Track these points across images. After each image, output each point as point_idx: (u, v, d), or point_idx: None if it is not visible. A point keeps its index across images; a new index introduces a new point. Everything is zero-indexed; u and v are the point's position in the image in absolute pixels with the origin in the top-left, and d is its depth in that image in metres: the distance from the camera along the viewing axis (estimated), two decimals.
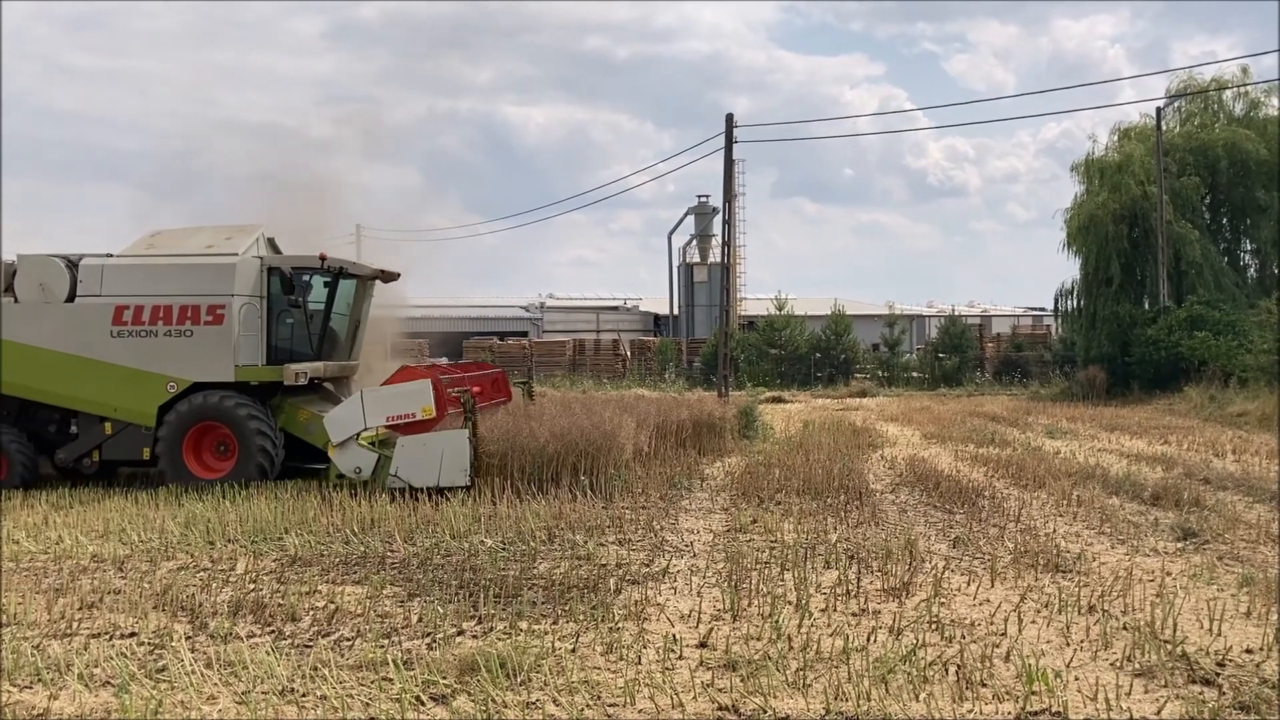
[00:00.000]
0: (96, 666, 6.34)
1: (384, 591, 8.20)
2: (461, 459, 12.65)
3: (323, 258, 14.64)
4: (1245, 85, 35.08)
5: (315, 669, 6.19)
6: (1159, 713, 5.51)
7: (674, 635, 6.85)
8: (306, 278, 14.63)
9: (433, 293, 43.40)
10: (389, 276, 16.07)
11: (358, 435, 13.04)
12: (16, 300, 14.39)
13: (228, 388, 14.08)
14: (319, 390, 15.19)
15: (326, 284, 14.87)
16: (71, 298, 14.29)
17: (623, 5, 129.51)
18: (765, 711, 5.53)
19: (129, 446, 14.29)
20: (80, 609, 7.75)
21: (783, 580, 8.42)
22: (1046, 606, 7.56)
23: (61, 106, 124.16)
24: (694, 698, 5.75)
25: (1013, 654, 6.43)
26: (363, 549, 9.76)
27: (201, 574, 8.93)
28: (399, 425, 12.97)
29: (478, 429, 12.88)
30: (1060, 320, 39.53)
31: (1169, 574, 8.59)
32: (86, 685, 6.04)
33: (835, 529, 10.58)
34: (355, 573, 8.91)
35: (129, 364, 14.07)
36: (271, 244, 15.44)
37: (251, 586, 8.37)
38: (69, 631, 7.19)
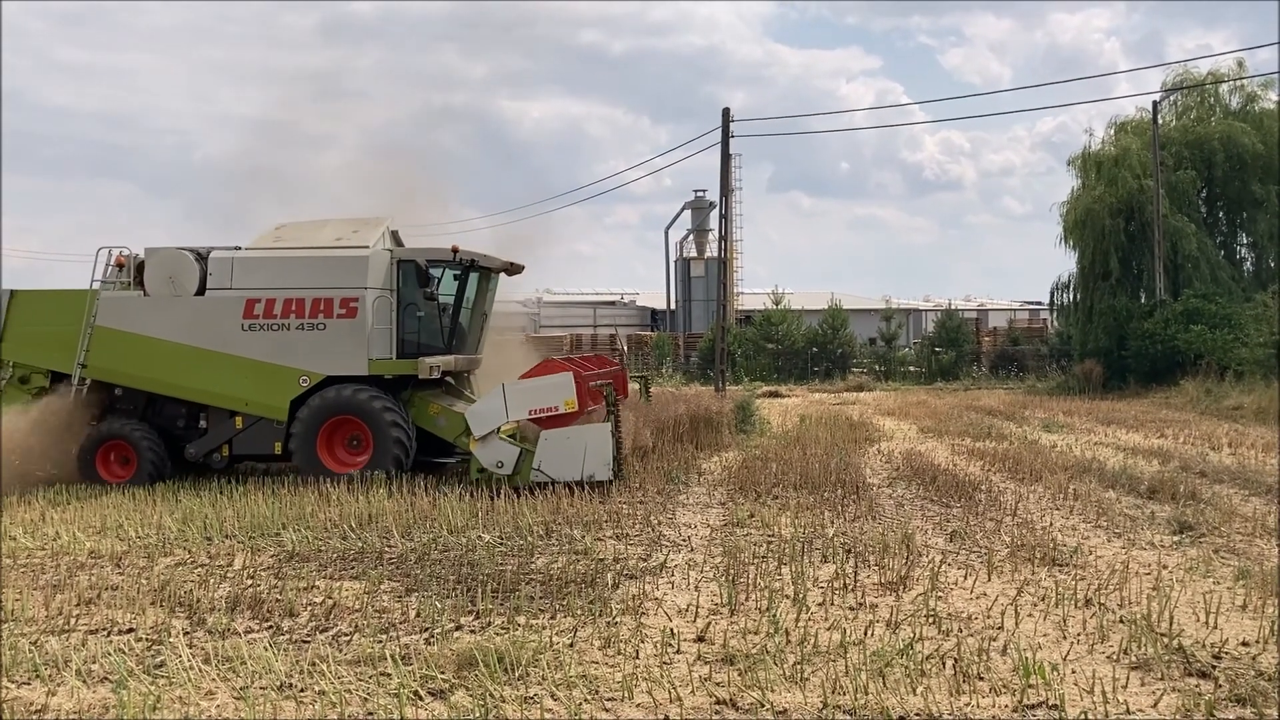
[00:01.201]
0: (94, 662, 6.34)
1: (382, 587, 8.20)
2: (605, 452, 12.67)
3: (455, 250, 14.38)
4: (1241, 79, 35.15)
5: (313, 664, 6.20)
6: (1155, 705, 5.53)
7: (671, 629, 6.86)
8: (438, 271, 14.42)
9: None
10: (515, 269, 15.90)
11: (499, 429, 12.96)
12: (146, 294, 14.19)
13: (360, 381, 13.90)
14: (442, 384, 14.91)
15: (456, 277, 14.69)
16: (201, 291, 14.11)
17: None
18: (763, 705, 5.54)
19: (260, 441, 14.13)
20: (78, 605, 7.75)
21: (780, 574, 8.43)
22: (1043, 600, 7.57)
23: (56, 102, 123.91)
24: (691, 691, 5.76)
25: (1010, 647, 6.45)
26: (360, 544, 9.76)
27: (199, 570, 8.93)
28: (541, 419, 12.87)
29: (620, 422, 12.96)
30: (1057, 314, 39.60)
31: (1165, 567, 8.61)
32: (84, 681, 6.04)
33: (832, 523, 10.59)
34: (353, 568, 8.91)
35: (260, 358, 13.90)
36: (395, 236, 15.26)
37: (249, 582, 8.37)
38: (67, 627, 7.18)
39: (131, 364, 14.20)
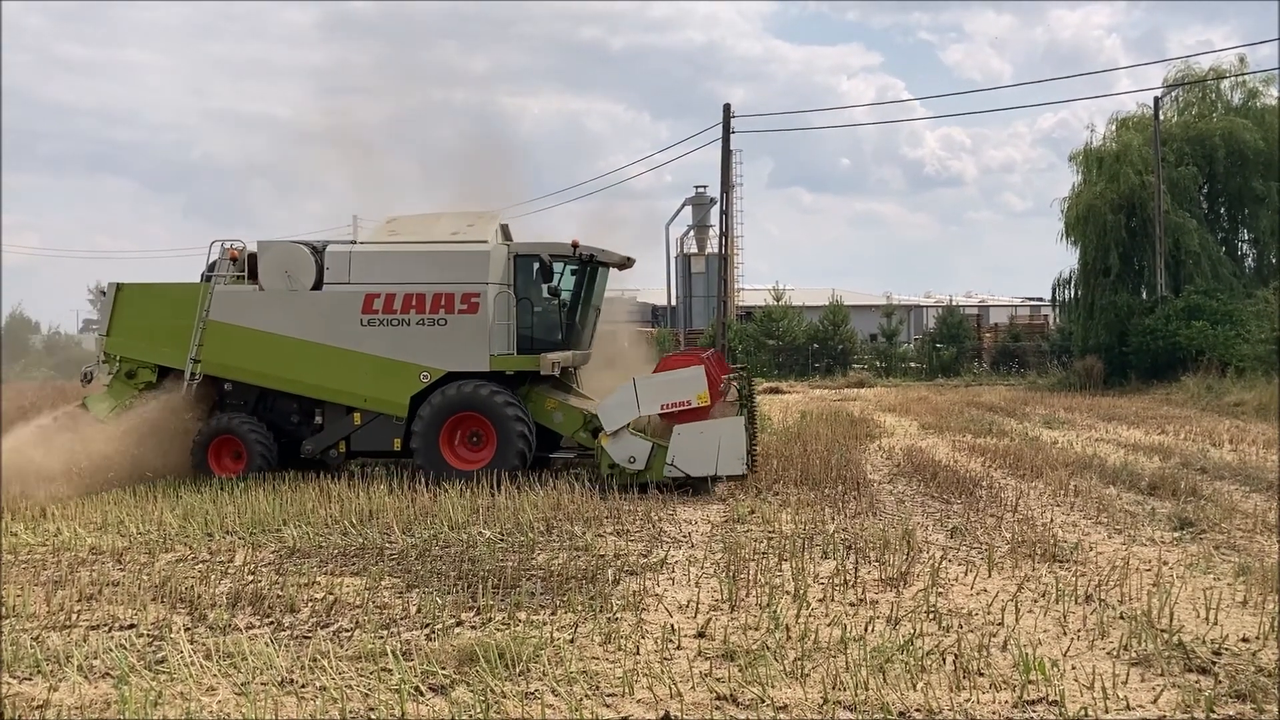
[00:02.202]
0: (96, 658, 6.35)
1: (383, 583, 8.21)
2: (738, 447, 12.55)
3: (575, 245, 14.21)
4: (1243, 75, 35.09)
5: (314, 660, 6.20)
6: (1155, 701, 5.53)
7: (672, 625, 6.87)
8: (560, 266, 14.26)
9: None
10: (628, 263, 15.73)
11: (630, 424, 12.81)
12: (261, 288, 14.01)
13: (480, 377, 13.72)
14: (552, 380, 14.67)
15: (573, 272, 14.50)
16: (318, 285, 13.93)
17: None
18: (763, 701, 5.54)
19: (378, 437, 13.95)
20: (79, 601, 7.75)
21: (780, 570, 8.43)
22: (1043, 596, 7.58)
23: (55, 99, 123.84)
24: (692, 687, 5.77)
25: (1010, 643, 6.45)
26: (361, 540, 9.76)
27: (200, 566, 8.94)
28: (673, 413, 12.71)
29: (754, 416, 12.76)
30: (1058, 310, 39.55)
31: (1166, 563, 8.61)
32: (86, 677, 6.05)
33: (833, 519, 10.60)
34: (354, 564, 8.92)
35: (380, 353, 13.71)
36: (505, 230, 15.14)
37: (250, 578, 8.38)
38: (68, 623, 7.19)
39: (245, 359, 14.00)
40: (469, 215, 14.83)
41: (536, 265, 14.07)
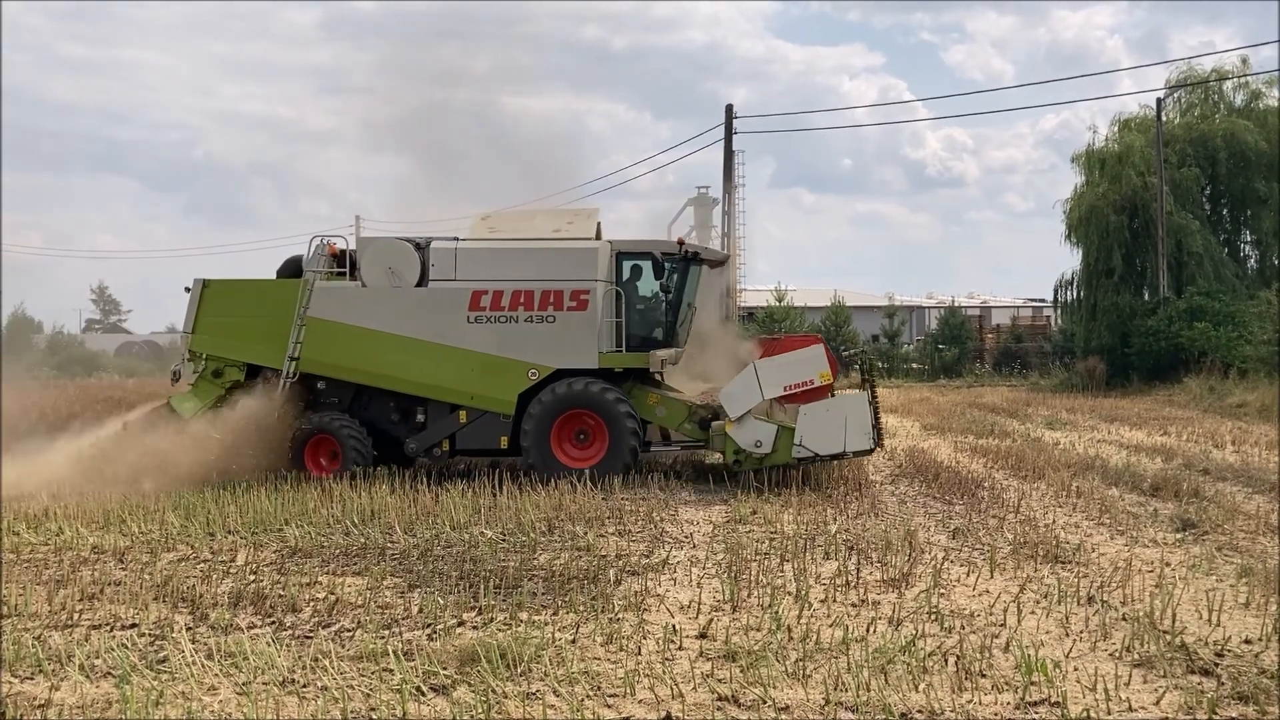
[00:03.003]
0: (97, 657, 6.35)
1: (384, 583, 8.21)
2: (864, 423, 12.63)
3: (681, 243, 14.25)
4: (1245, 76, 35.07)
5: (316, 660, 6.20)
6: (1158, 703, 5.52)
7: (674, 626, 6.86)
8: (670, 264, 14.22)
9: None
10: (724, 261, 15.62)
11: (752, 410, 12.78)
12: (364, 285, 13.75)
13: (588, 375, 13.64)
14: (645, 375, 14.51)
15: (674, 269, 14.37)
16: (422, 282, 13.73)
17: None
18: (765, 702, 5.54)
19: (484, 436, 13.77)
20: (81, 600, 7.76)
21: (782, 571, 8.43)
22: (1046, 597, 7.57)
23: (58, 97, 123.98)
24: (694, 688, 5.76)
25: (1012, 644, 6.44)
26: (363, 540, 9.76)
27: (202, 565, 8.94)
28: (796, 394, 12.76)
29: (876, 391, 13.02)
30: (1060, 311, 39.55)
31: (1168, 565, 8.61)
32: (87, 676, 6.05)
33: (835, 520, 10.60)
34: (355, 564, 8.92)
35: (487, 350, 13.53)
36: (597, 228, 15.08)
37: (252, 578, 8.38)
38: (70, 623, 7.19)
39: (347, 356, 13.71)
40: (566, 213, 14.85)
41: (647, 262, 14.13)
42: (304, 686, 5.82)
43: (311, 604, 7.58)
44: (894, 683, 5.77)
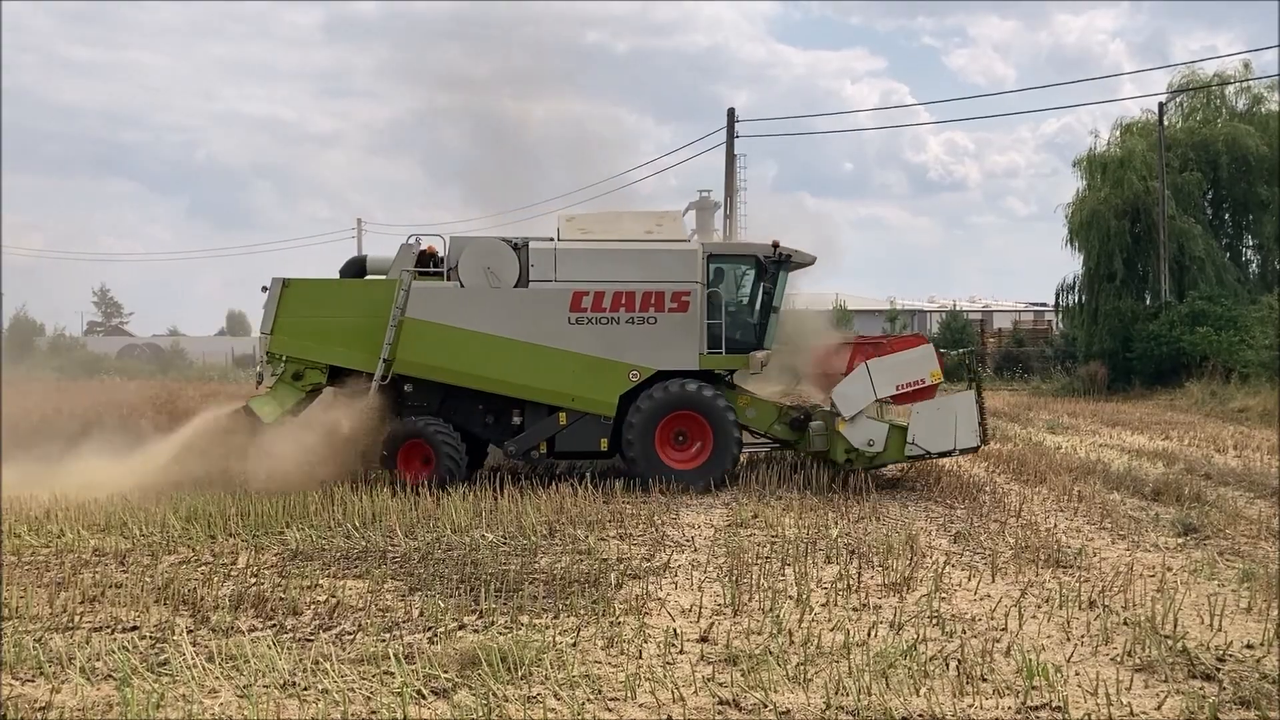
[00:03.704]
0: (98, 660, 6.35)
1: (385, 586, 8.20)
2: (972, 421, 12.90)
3: (776, 245, 14.07)
4: (1248, 80, 35.10)
5: (316, 663, 6.20)
6: (1159, 708, 5.51)
7: (675, 630, 6.86)
8: (774, 267, 14.25)
9: None
10: (812, 263, 15.52)
11: (865, 409, 12.97)
12: (462, 285, 13.43)
13: (687, 376, 13.59)
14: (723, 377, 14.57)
15: (757, 272, 14.40)
16: (522, 283, 13.52)
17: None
18: (766, 706, 5.53)
19: (584, 438, 13.56)
20: (82, 603, 7.75)
21: (783, 575, 8.43)
22: (1047, 602, 7.57)
23: (61, 100, 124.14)
24: (695, 692, 5.76)
25: (1013, 649, 6.44)
26: (364, 543, 9.76)
27: (203, 568, 8.93)
28: (907, 393, 12.96)
29: (982, 390, 13.22)
30: (1062, 315, 39.53)
31: (1170, 569, 8.60)
32: (88, 679, 6.05)
33: (836, 524, 10.59)
34: (356, 567, 8.91)
35: (588, 352, 13.38)
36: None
37: (253, 580, 8.38)
38: (71, 625, 7.19)
39: (444, 358, 13.37)
40: (651, 214, 14.76)
41: (739, 264, 14.22)
42: (305, 689, 5.82)
43: (312, 607, 7.58)
44: (895, 687, 5.77)
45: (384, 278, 13.75)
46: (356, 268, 14.26)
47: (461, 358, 13.38)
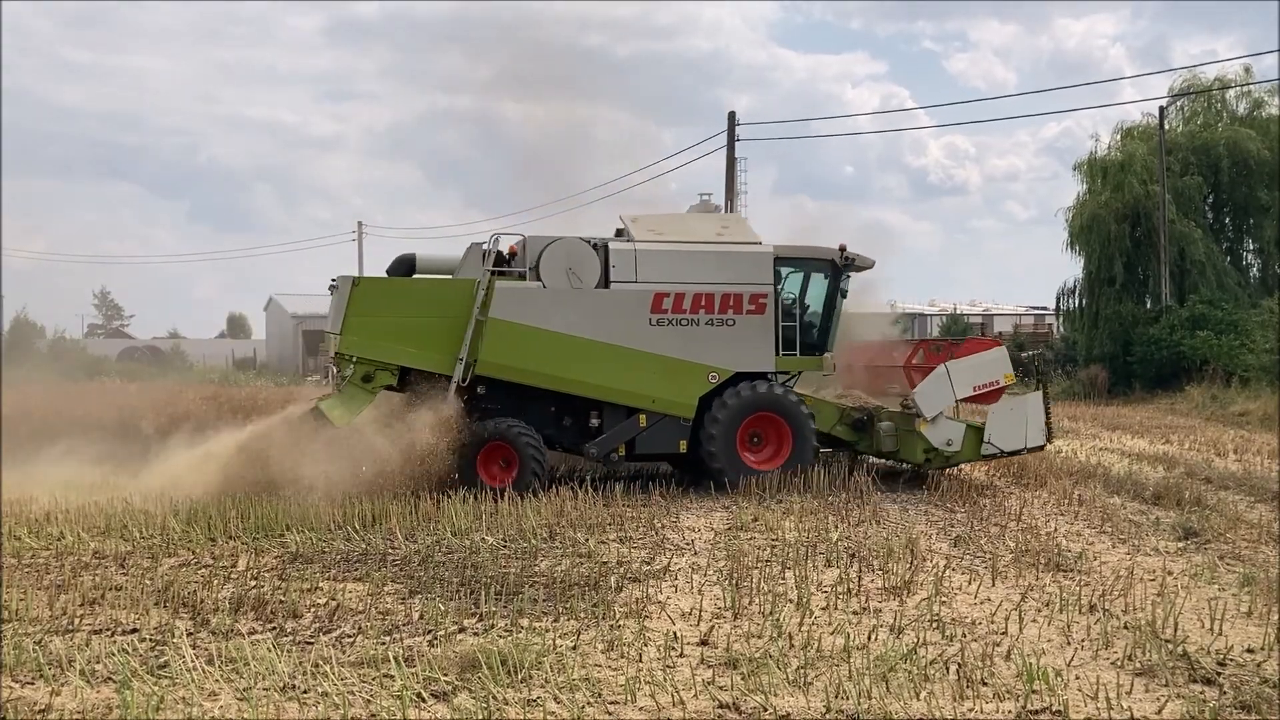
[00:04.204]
0: (98, 663, 6.34)
1: (385, 588, 8.20)
2: (1040, 420, 13.33)
3: (843, 249, 14.28)
4: (1248, 85, 35.13)
5: (316, 666, 6.19)
6: (1160, 712, 5.51)
7: (675, 633, 6.85)
8: (846, 270, 14.40)
9: None
10: (872, 266, 15.67)
11: (944, 409, 13.40)
12: (544, 285, 13.24)
13: (761, 378, 13.68)
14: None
15: (826, 276, 14.51)
16: (603, 284, 13.41)
17: (623, 3, 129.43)
18: (766, 709, 5.53)
19: (664, 439, 13.49)
20: (82, 605, 7.75)
21: (784, 578, 8.42)
22: (1047, 605, 7.56)
23: (63, 102, 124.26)
24: (695, 695, 5.75)
25: (1013, 653, 6.43)
26: (364, 546, 9.76)
27: (203, 570, 8.93)
28: (983, 394, 13.43)
29: (1048, 390, 13.70)
30: (1062, 319, 39.56)
31: (1170, 573, 8.60)
32: (88, 681, 6.04)
33: (836, 527, 10.58)
34: (357, 569, 8.91)
35: (669, 353, 13.36)
36: None
37: (253, 583, 8.37)
38: (71, 628, 7.19)
39: (526, 359, 13.10)
40: (715, 216, 14.91)
41: (806, 268, 14.34)
42: (304, 692, 5.82)
43: (312, 610, 7.58)
44: (895, 690, 5.76)
45: (453, 277, 13.49)
46: (406, 266, 13.89)
47: (545, 359, 13.18)
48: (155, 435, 15.33)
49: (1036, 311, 60.34)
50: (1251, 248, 36.55)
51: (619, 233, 14.19)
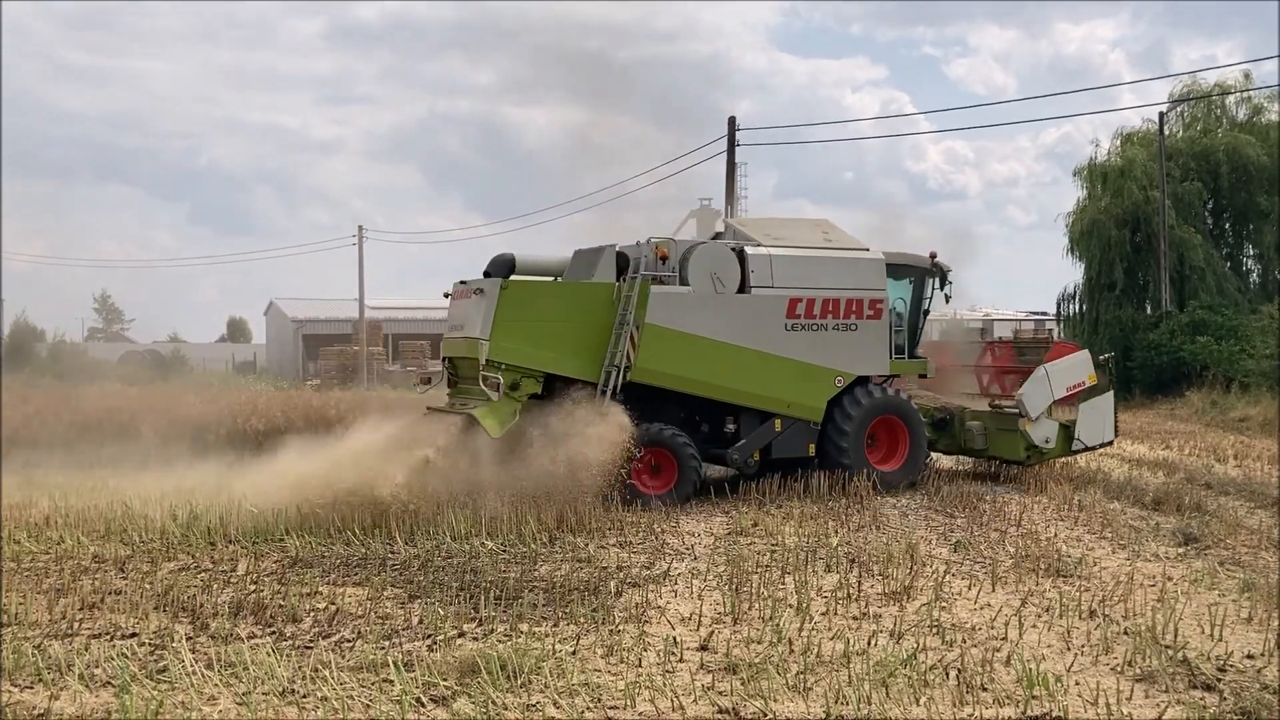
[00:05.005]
0: (97, 667, 6.33)
1: (385, 593, 8.20)
2: (1111, 418, 14.62)
3: (934, 256, 14.77)
4: (1248, 91, 35.15)
5: (316, 670, 6.19)
6: (1160, 718, 5.51)
7: (675, 638, 6.85)
8: (928, 277, 14.88)
9: (434, 294, 43.35)
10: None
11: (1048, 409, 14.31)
12: (692, 289, 13.19)
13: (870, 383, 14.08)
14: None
15: (914, 281, 14.99)
16: (744, 288, 13.43)
17: (624, 7, 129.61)
18: (766, 715, 5.53)
19: (797, 443, 13.68)
20: (81, 609, 7.75)
21: (783, 584, 8.42)
22: (1047, 611, 7.56)
23: (63, 105, 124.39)
24: (694, 700, 5.75)
25: (1013, 658, 6.43)
26: (364, 550, 9.75)
27: (203, 575, 8.93)
28: (1072, 394, 14.48)
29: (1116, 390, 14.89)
30: (1062, 324, 39.56)
31: (1170, 579, 8.59)
32: (87, 686, 6.04)
33: (836, 532, 10.58)
34: (356, 574, 8.90)
35: (801, 358, 13.58)
36: None
37: (252, 587, 8.37)
38: (70, 632, 7.18)
39: (681, 365, 13.03)
40: (813, 222, 15.01)
41: (905, 275, 14.74)
42: (304, 697, 5.81)
43: (312, 614, 7.57)
44: (895, 696, 5.76)
45: (597, 280, 13.20)
46: (506, 267, 13.34)
47: (696, 365, 13.15)
48: (215, 442, 15.36)
49: (1037, 317, 60.36)
50: (1251, 253, 36.57)
51: (716, 236, 14.37)
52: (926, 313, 15.06)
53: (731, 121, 31.33)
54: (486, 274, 13.38)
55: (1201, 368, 28.75)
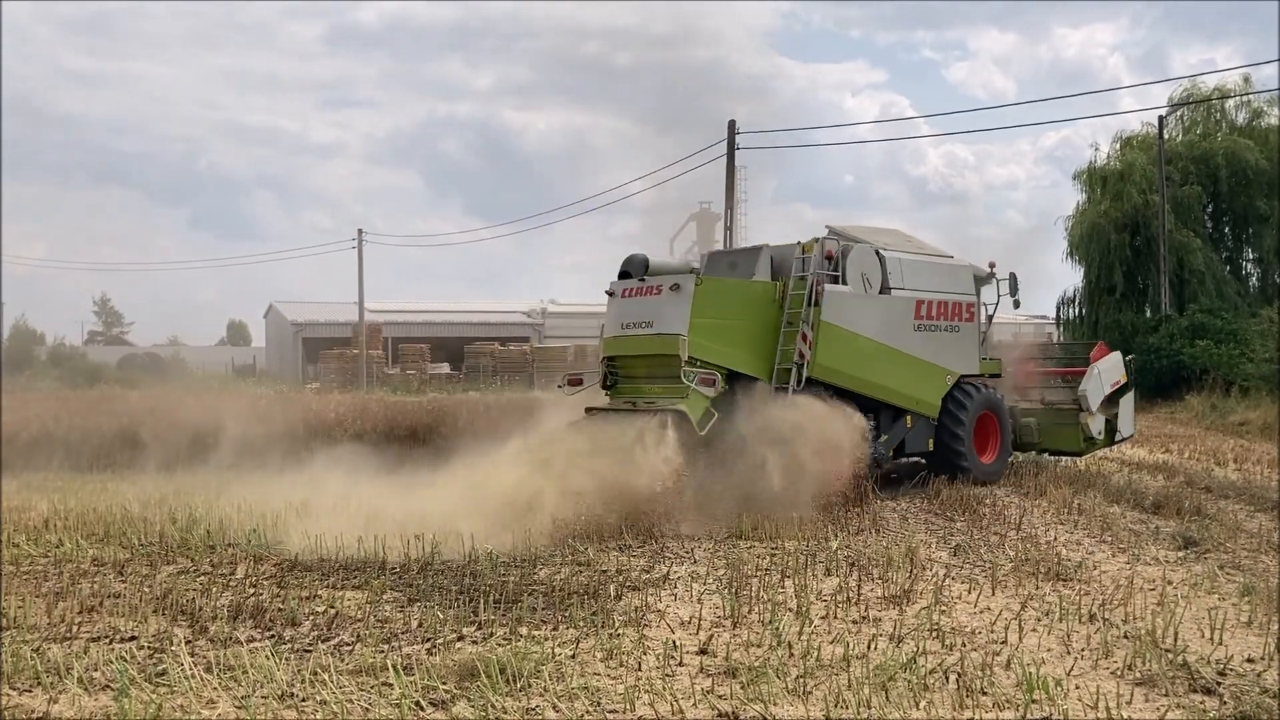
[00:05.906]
0: (96, 670, 6.33)
1: (384, 597, 8.19)
2: (1132, 412, 16.41)
3: (992, 265, 15.61)
4: (1247, 94, 35.22)
5: (315, 674, 6.18)
6: None
7: (674, 642, 6.84)
8: (989, 282, 15.73)
9: (434, 297, 43.45)
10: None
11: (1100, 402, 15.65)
12: (851, 289, 13.64)
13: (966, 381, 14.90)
14: None
15: (981, 287, 15.79)
16: (885, 289, 14.02)
17: (623, 10, 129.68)
18: (765, 718, 5.52)
19: (921, 439, 14.44)
20: (80, 612, 7.74)
21: (783, 587, 8.41)
22: (1047, 615, 7.55)
23: (63, 109, 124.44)
24: (694, 704, 5.74)
25: (1013, 662, 6.42)
26: (363, 554, 9.74)
27: (202, 578, 8.92)
28: (1114, 390, 15.94)
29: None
30: (1062, 328, 39.60)
31: (1170, 583, 8.58)
32: (86, 689, 6.03)
33: (836, 536, 10.58)
34: (355, 578, 8.89)
35: (923, 357, 14.30)
36: None
37: (251, 591, 8.36)
38: (69, 635, 7.18)
39: (848, 363, 13.45)
40: (890, 230, 15.55)
41: (984, 281, 15.58)
42: (303, 700, 5.81)
43: (311, 618, 7.56)
44: (895, 700, 5.75)
45: (761, 280, 13.38)
46: (642, 267, 13.27)
47: (859, 363, 13.64)
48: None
49: (1036, 320, 60.37)
50: (1251, 257, 36.66)
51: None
52: (990, 317, 15.90)
53: (732, 125, 31.38)
54: (624, 274, 13.51)
55: (1201, 371, 28.78)
